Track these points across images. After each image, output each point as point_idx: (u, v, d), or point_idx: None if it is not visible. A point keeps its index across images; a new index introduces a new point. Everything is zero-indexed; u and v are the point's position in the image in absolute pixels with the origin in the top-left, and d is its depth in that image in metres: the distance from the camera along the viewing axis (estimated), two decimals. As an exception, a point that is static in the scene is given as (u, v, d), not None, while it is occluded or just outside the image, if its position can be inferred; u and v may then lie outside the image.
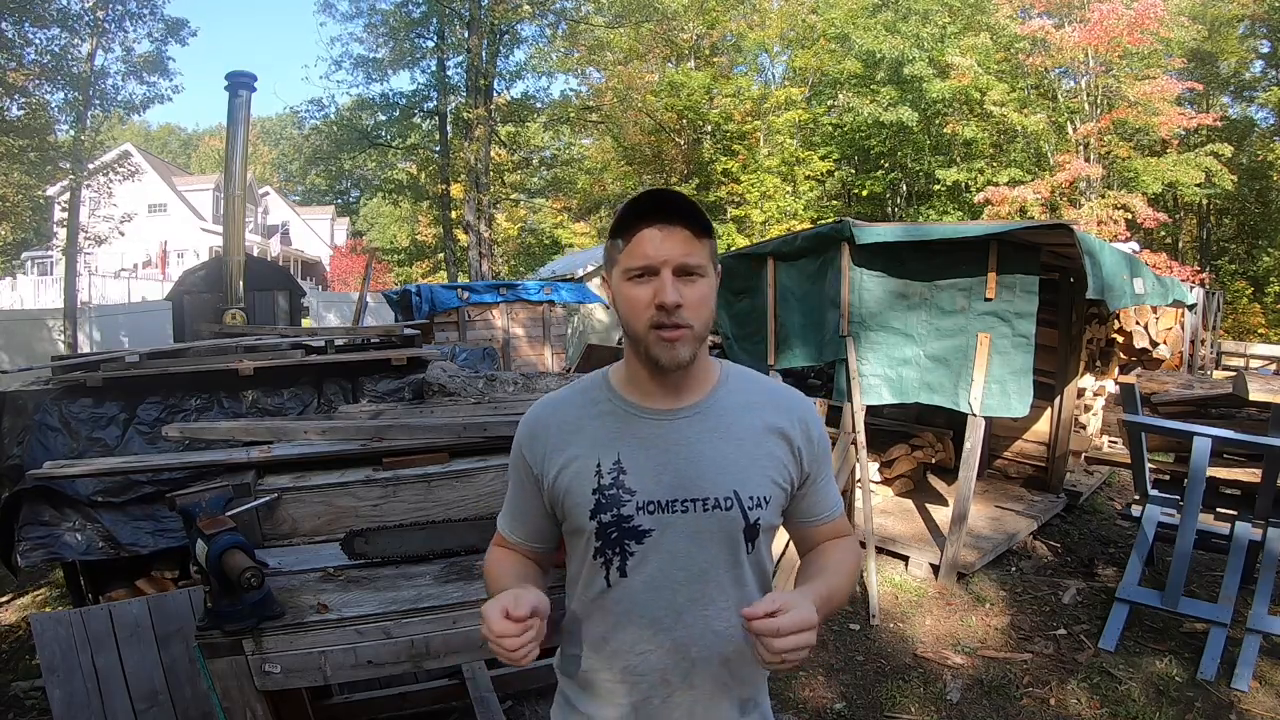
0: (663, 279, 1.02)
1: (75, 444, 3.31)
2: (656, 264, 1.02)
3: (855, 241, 4.07)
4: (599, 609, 1.13)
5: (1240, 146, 19.26)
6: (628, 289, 1.05)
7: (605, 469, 1.09)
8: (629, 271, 1.05)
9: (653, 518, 1.08)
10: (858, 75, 20.22)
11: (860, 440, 4.13)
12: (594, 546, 1.10)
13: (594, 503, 1.09)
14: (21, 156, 11.18)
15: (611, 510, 1.08)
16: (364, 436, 2.40)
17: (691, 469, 1.09)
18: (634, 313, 1.05)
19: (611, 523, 1.08)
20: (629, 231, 1.05)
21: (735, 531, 1.11)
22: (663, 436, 1.10)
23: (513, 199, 22.92)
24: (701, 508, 1.09)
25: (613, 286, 1.10)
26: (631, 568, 1.09)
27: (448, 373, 3.81)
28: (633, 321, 1.06)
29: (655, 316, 1.03)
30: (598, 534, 1.09)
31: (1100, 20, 15.38)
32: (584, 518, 1.09)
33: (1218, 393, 3.83)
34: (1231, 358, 11.73)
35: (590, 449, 1.11)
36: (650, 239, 1.03)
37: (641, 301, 1.04)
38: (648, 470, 1.09)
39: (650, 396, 1.12)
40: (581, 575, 1.14)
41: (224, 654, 1.48)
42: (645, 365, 1.09)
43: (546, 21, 20.31)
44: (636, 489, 1.08)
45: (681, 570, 1.10)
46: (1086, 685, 3.15)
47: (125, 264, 25.22)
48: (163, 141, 54.93)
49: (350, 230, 42.60)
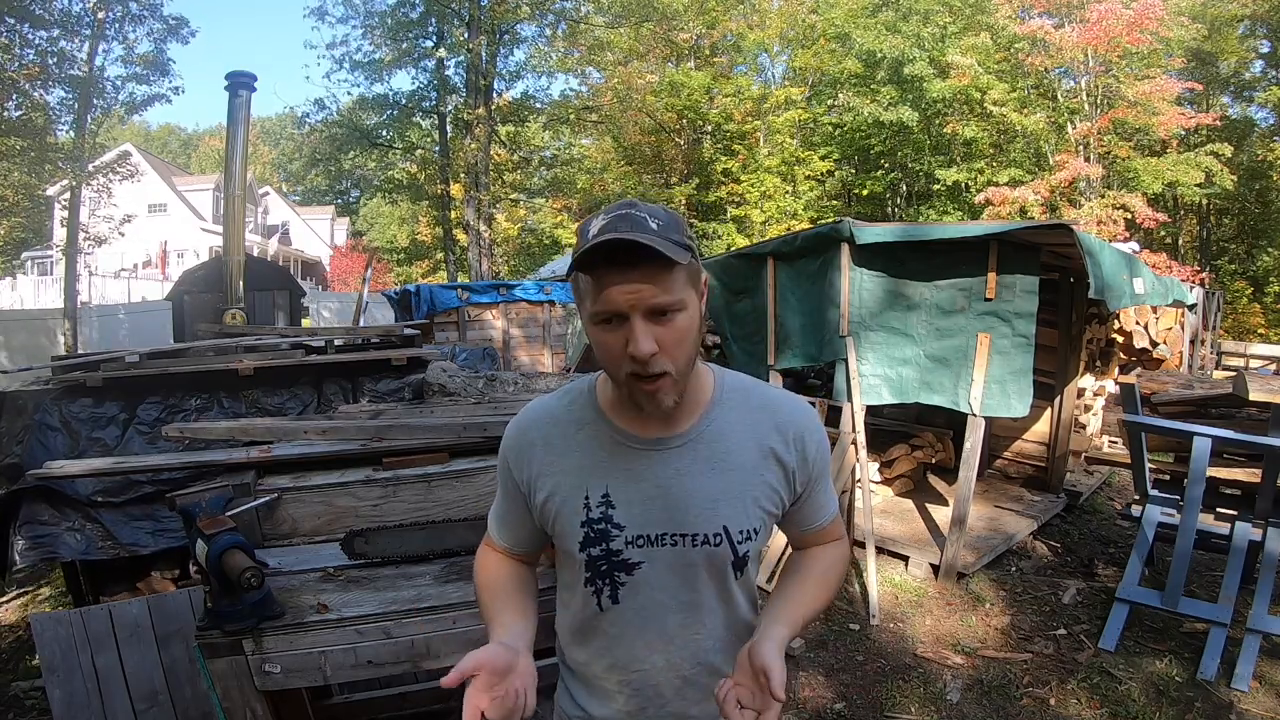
0: (633, 327, 0.92)
1: (75, 444, 3.31)
2: (625, 310, 0.92)
3: (855, 241, 4.07)
4: (593, 627, 1.14)
5: (1240, 146, 19.26)
6: (598, 334, 0.97)
7: (594, 502, 1.06)
8: (596, 316, 0.95)
9: (641, 551, 1.06)
10: (858, 75, 20.21)
11: (860, 440, 4.13)
12: (584, 576, 1.09)
13: (583, 535, 1.07)
14: (23, 156, 11.17)
15: (600, 544, 1.06)
16: (364, 436, 2.40)
17: (680, 503, 1.05)
18: (609, 360, 0.98)
19: (601, 556, 1.07)
20: (591, 270, 0.93)
21: (724, 565, 1.09)
22: (652, 469, 1.06)
23: (512, 199, 22.92)
24: (690, 543, 1.06)
25: (584, 323, 1.00)
26: (623, 596, 1.09)
27: (448, 373, 3.81)
28: (610, 368, 1.00)
29: (631, 366, 0.95)
30: (587, 565, 1.08)
31: (1100, 20, 15.37)
32: (573, 547, 1.08)
33: (1218, 393, 3.83)
34: (1231, 358, 11.72)
35: (577, 477, 1.08)
36: (613, 284, 0.92)
37: (615, 350, 0.95)
38: (636, 503, 1.06)
39: (639, 425, 1.07)
40: (576, 595, 1.14)
41: (224, 654, 1.48)
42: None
43: (546, 21, 20.32)
44: (625, 524, 1.06)
45: (671, 599, 1.09)
46: (1086, 685, 3.15)
47: (125, 264, 25.23)
48: (163, 141, 54.94)
49: (350, 230, 42.60)
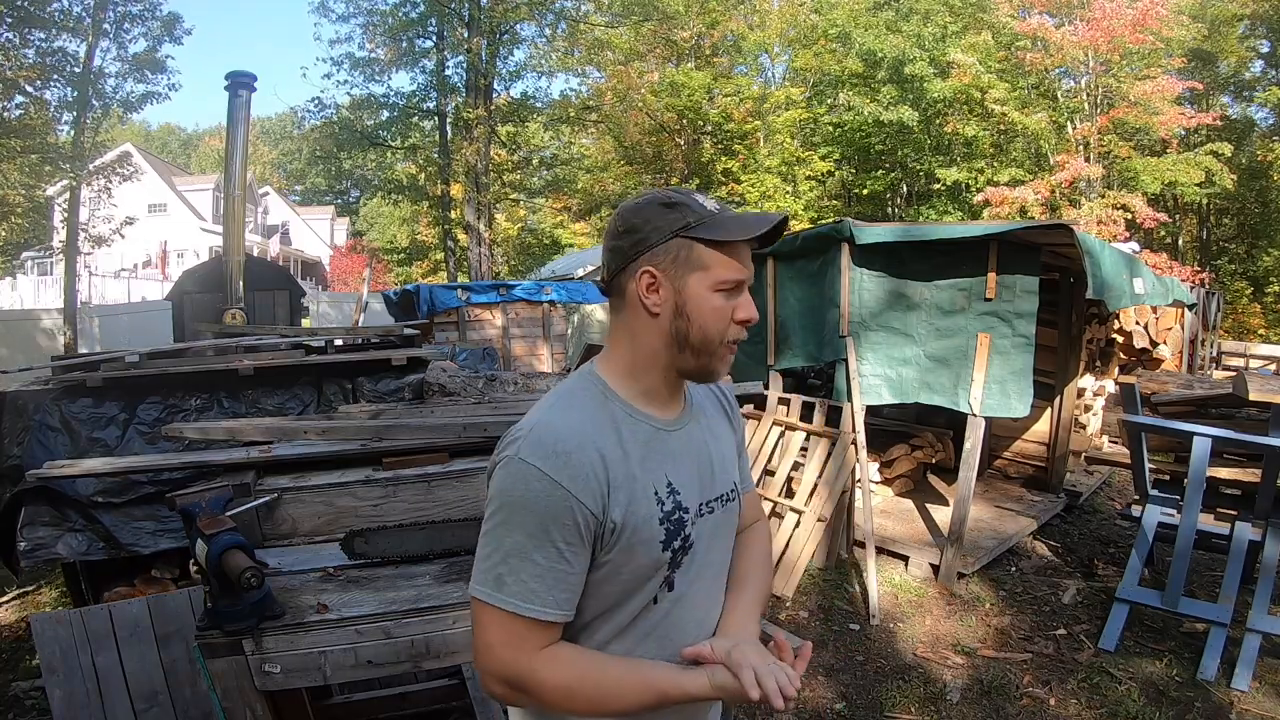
0: (745, 297, 1.06)
1: (75, 444, 3.31)
2: (746, 279, 1.05)
3: (855, 241, 4.07)
4: (631, 630, 1.06)
5: (1240, 146, 19.26)
6: (715, 299, 1.04)
7: (663, 494, 1.05)
8: (723, 283, 1.03)
9: (695, 526, 1.08)
10: (858, 74, 20.21)
11: (860, 440, 4.13)
12: (664, 575, 1.05)
13: (664, 533, 1.03)
14: (23, 157, 11.17)
15: (680, 535, 1.05)
16: (364, 436, 2.40)
17: (709, 469, 1.13)
18: (718, 323, 1.05)
19: (681, 547, 1.06)
20: (731, 242, 1.03)
21: (736, 518, 1.19)
22: (685, 445, 1.11)
23: (512, 199, 22.89)
24: (721, 504, 1.14)
25: (682, 288, 1.03)
26: (677, 579, 1.07)
27: (448, 373, 3.81)
28: (711, 332, 1.05)
29: (735, 332, 1.06)
30: (671, 562, 1.05)
31: (1103, 18, 15.36)
32: (655, 550, 1.03)
33: (1218, 393, 3.83)
34: (1231, 358, 11.71)
35: (642, 474, 1.04)
36: (746, 257, 1.05)
37: (726, 314, 1.05)
38: (689, 482, 1.09)
39: (665, 408, 1.11)
40: (630, 602, 1.05)
41: (224, 654, 1.48)
42: (671, 376, 1.08)
43: (546, 21, 20.29)
44: (689, 505, 1.07)
45: (709, 567, 1.12)
46: (1086, 685, 3.15)
47: (125, 264, 25.23)
48: (163, 141, 54.91)
49: (350, 230, 42.58)
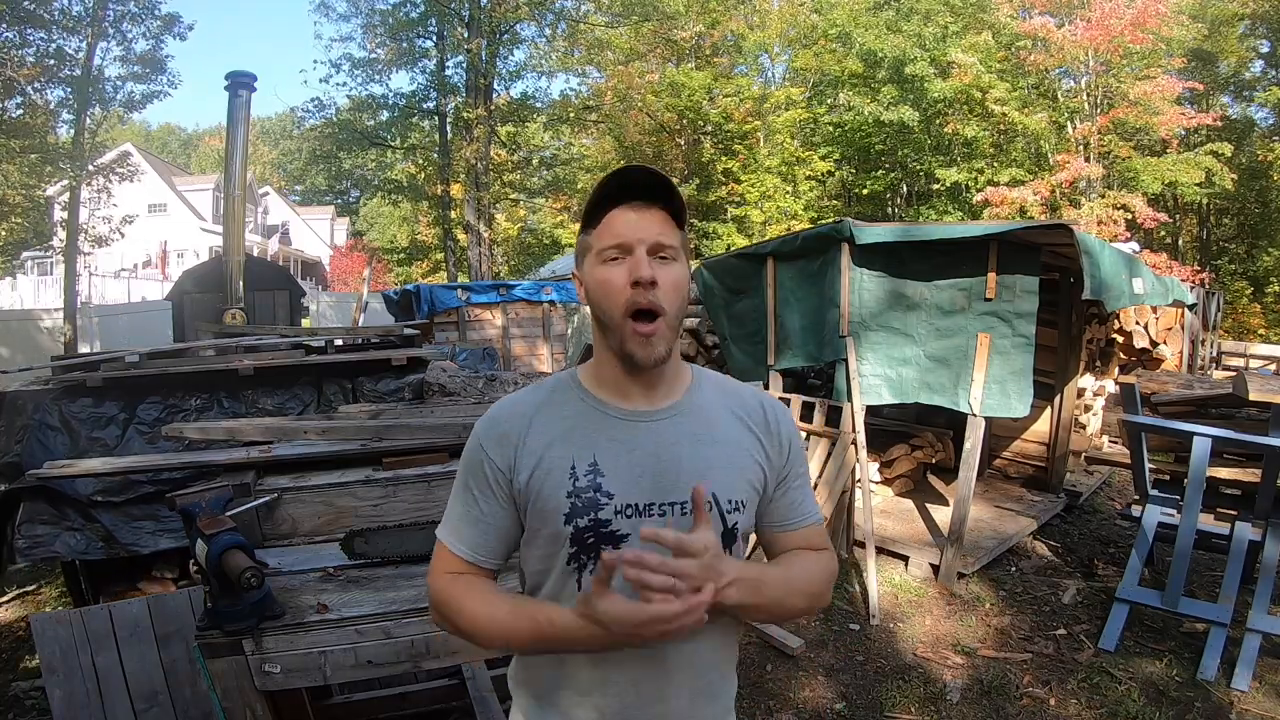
0: (638, 257, 0.98)
1: (75, 444, 3.31)
2: (631, 242, 0.99)
3: (855, 241, 4.07)
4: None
5: (1240, 146, 19.25)
6: (601, 271, 1.00)
7: (580, 470, 1.02)
8: (602, 254, 1.00)
9: (630, 522, 1.01)
10: (858, 75, 20.21)
11: (860, 440, 4.13)
12: (568, 552, 1.02)
13: (569, 506, 1.01)
14: (23, 157, 11.16)
15: (588, 515, 1.01)
16: (364, 436, 2.40)
17: (670, 471, 1.03)
18: (608, 295, 0.99)
19: (588, 528, 1.01)
20: (599, 214, 1.01)
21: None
22: (640, 439, 1.04)
23: (512, 199, 22.90)
24: (680, 511, 1.02)
25: (585, 278, 1.04)
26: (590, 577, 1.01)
27: (448, 373, 3.82)
28: (607, 306, 1.00)
29: (632, 297, 0.98)
30: (573, 539, 1.01)
31: (1103, 18, 15.36)
32: (558, 522, 1.01)
33: (1218, 393, 3.83)
34: (1231, 358, 11.70)
35: (563, 448, 1.03)
36: (623, 218, 1.00)
37: (616, 283, 0.99)
38: (625, 472, 1.02)
39: (626, 397, 1.06)
40: (548, 581, 1.06)
41: (224, 654, 1.48)
42: (620, 363, 1.03)
43: (546, 21, 20.30)
44: (615, 492, 1.02)
45: None
46: (1086, 685, 3.15)
47: (125, 264, 25.23)
48: (163, 141, 54.92)
49: (350, 230, 42.59)
